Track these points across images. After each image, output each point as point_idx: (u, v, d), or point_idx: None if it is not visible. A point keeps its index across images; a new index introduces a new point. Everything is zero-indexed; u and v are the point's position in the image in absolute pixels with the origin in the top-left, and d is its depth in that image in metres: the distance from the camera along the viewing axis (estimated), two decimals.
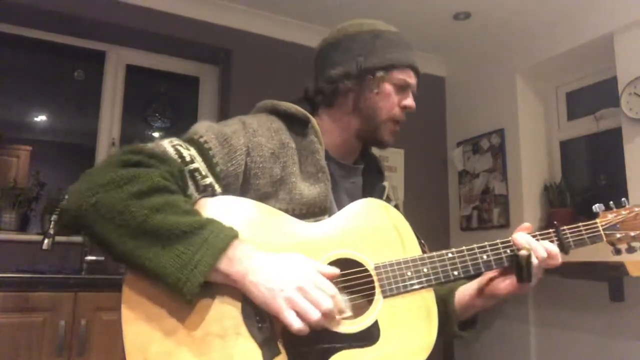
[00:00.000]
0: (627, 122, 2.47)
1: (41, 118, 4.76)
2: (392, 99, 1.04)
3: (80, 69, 3.41)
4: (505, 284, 0.96)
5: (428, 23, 3.13)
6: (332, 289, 0.81)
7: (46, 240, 2.41)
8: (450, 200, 3.55)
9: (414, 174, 3.45)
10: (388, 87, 1.03)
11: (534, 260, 0.92)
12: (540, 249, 0.94)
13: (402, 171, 3.43)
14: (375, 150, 1.18)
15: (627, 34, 2.49)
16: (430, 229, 1.00)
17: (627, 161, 2.45)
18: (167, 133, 3.78)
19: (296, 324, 0.77)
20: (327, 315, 0.80)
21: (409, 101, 1.05)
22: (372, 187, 1.10)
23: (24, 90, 3.98)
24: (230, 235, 0.81)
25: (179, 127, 3.59)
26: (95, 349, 2.00)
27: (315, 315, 0.78)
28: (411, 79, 1.05)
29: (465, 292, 1.04)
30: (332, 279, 0.84)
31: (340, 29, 1.08)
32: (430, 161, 3.56)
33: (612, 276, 2.30)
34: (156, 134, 3.91)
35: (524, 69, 3.08)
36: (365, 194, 1.07)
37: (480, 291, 1.00)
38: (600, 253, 2.45)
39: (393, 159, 3.41)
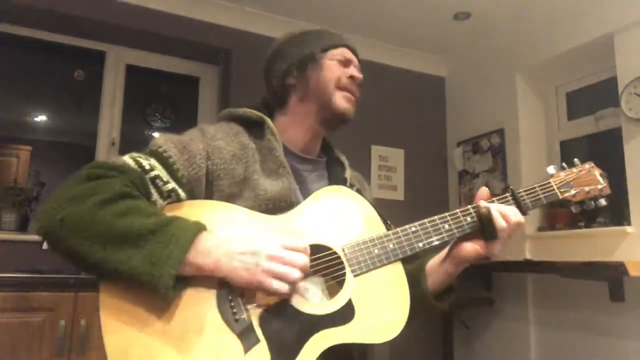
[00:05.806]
0: (627, 122, 2.47)
1: (41, 118, 4.77)
2: (337, 70, 1.10)
3: (80, 69, 3.41)
4: (473, 245, 1.00)
5: (428, 23, 3.13)
6: (302, 244, 0.86)
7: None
8: (450, 200, 3.55)
9: (414, 174, 3.45)
10: (330, 62, 1.10)
11: (495, 214, 0.97)
12: (498, 205, 1.00)
13: (402, 171, 3.43)
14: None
15: (627, 34, 2.49)
16: None
17: (627, 161, 2.45)
18: (167, 133, 3.78)
19: (282, 288, 0.82)
20: (306, 270, 0.85)
21: (354, 71, 1.11)
22: (336, 178, 1.15)
23: (24, 90, 3.98)
24: (197, 228, 0.84)
25: (179, 127, 3.60)
26: (95, 349, 2.00)
27: (295, 274, 0.83)
28: (349, 55, 1.13)
29: (435, 261, 1.08)
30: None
31: (275, 42, 1.18)
32: (430, 161, 3.56)
33: (612, 276, 2.30)
34: (156, 134, 3.91)
35: (524, 69, 3.08)
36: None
37: (450, 256, 1.04)
38: (600, 253, 2.48)
39: (393, 159, 3.41)
